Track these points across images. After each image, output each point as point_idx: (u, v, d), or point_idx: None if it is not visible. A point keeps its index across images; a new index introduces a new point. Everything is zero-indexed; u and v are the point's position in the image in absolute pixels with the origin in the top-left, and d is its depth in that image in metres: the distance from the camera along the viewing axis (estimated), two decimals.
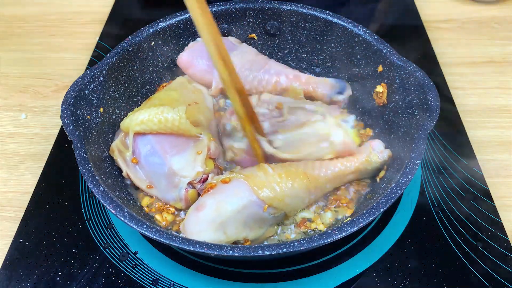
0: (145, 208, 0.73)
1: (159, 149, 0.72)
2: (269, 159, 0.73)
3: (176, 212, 0.73)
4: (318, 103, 0.80)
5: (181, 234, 0.69)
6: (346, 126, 0.74)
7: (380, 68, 0.78)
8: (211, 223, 0.63)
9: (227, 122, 0.76)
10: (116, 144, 0.74)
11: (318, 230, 0.71)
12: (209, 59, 0.83)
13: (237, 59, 0.83)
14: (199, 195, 0.71)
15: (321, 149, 0.73)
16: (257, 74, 0.83)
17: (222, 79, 0.65)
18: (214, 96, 0.85)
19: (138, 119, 0.72)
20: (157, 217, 0.72)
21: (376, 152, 0.72)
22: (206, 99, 0.83)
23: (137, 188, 0.75)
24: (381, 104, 0.78)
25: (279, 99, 0.79)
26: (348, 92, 0.83)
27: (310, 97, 0.84)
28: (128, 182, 0.75)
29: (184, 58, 0.86)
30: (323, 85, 0.83)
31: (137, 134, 0.73)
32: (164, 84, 0.88)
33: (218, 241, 0.64)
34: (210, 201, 0.65)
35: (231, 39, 0.88)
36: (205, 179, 0.71)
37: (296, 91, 0.82)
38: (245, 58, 0.84)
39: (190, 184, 0.71)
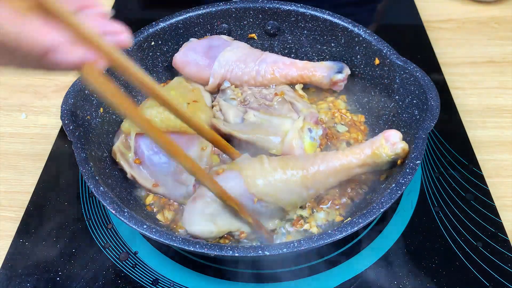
0: (146, 208, 0.73)
1: None
2: (228, 136, 0.75)
3: (176, 209, 0.73)
4: (307, 105, 0.79)
5: (181, 231, 0.71)
6: (306, 135, 0.73)
7: (377, 61, 0.78)
8: (201, 214, 0.64)
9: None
10: (117, 146, 0.74)
11: (310, 232, 0.70)
12: (203, 55, 0.84)
13: (231, 54, 0.83)
14: None
15: (270, 141, 0.73)
16: (254, 65, 0.83)
17: None
18: (211, 92, 0.85)
19: None
20: (159, 216, 0.72)
21: (389, 144, 0.64)
22: (205, 97, 0.83)
23: (138, 187, 0.75)
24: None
25: (283, 88, 0.81)
26: (347, 71, 0.83)
27: (309, 82, 0.84)
28: (129, 182, 0.75)
29: (179, 58, 0.85)
30: (321, 68, 0.83)
31: (139, 134, 0.73)
32: (162, 84, 0.88)
33: (209, 232, 0.63)
34: (202, 192, 0.65)
35: (224, 37, 0.87)
36: None
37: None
38: (240, 51, 0.84)
39: None
